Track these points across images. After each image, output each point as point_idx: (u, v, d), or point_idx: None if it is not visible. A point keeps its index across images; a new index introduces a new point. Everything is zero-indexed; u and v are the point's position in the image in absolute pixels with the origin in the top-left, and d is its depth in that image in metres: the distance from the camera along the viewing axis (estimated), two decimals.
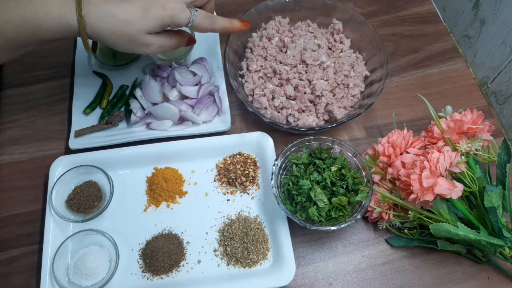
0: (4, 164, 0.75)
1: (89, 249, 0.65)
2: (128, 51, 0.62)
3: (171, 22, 0.59)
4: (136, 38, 0.58)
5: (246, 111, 0.79)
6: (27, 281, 0.66)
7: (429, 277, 0.66)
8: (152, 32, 0.59)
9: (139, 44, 0.60)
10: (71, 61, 0.83)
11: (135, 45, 0.60)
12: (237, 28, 0.67)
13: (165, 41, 0.62)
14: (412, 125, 0.77)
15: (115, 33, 0.57)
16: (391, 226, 0.67)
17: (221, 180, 0.72)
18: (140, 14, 0.57)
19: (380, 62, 0.75)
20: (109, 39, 0.58)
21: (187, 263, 0.66)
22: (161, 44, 0.61)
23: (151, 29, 0.58)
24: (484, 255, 0.65)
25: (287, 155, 0.68)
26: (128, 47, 0.60)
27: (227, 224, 0.68)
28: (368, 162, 0.67)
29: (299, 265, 0.66)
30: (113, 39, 0.58)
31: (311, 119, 0.72)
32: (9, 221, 0.70)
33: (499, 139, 0.71)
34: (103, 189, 0.70)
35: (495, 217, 0.60)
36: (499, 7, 0.77)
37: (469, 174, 0.62)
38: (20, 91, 0.82)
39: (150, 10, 0.57)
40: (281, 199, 0.64)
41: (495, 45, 0.80)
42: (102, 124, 0.75)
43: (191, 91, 0.75)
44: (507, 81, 0.78)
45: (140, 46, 0.60)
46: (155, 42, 0.60)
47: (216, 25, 0.63)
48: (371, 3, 0.93)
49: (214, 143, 0.73)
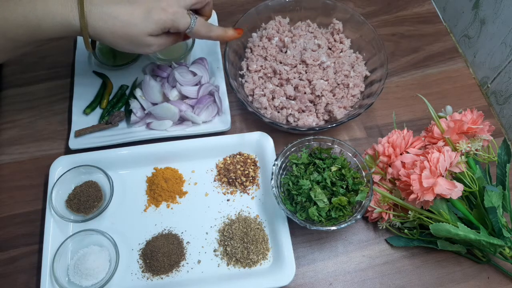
0: (4, 164, 0.75)
1: (89, 249, 0.65)
2: (128, 51, 0.62)
3: (172, 26, 0.60)
4: (138, 40, 0.59)
5: (246, 111, 0.79)
6: (27, 281, 0.66)
7: (429, 277, 0.66)
8: (153, 34, 0.59)
9: (140, 45, 0.60)
10: (71, 61, 0.83)
11: (135, 45, 0.60)
12: (232, 37, 0.68)
13: (164, 41, 0.62)
14: (412, 125, 0.77)
15: (116, 33, 0.58)
16: (391, 226, 0.67)
17: (221, 180, 0.72)
18: (142, 16, 0.58)
19: (380, 62, 0.75)
20: (110, 39, 0.59)
21: (187, 263, 0.66)
22: (160, 44, 0.62)
23: (152, 32, 0.59)
24: (484, 255, 0.65)
25: (287, 155, 0.68)
26: (129, 47, 0.61)
27: (227, 224, 0.68)
28: (368, 162, 0.67)
29: (299, 265, 0.66)
30: (114, 40, 0.59)
31: (311, 119, 0.72)
32: (9, 221, 0.70)
33: (499, 139, 0.71)
34: (103, 189, 0.70)
35: (495, 217, 0.60)
36: (499, 7, 0.77)
37: (469, 174, 0.62)
38: (20, 91, 0.82)
39: (152, 13, 0.58)
40: (281, 199, 0.64)
41: (495, 45, 0.80)
42: (102, 124, 0.75)
43: (191, 91, 0.75)
44: (507, 81, 0.78)
45: (141, 47, 0.61)
46: (156, 42, 0.61)
47: (213, 33, 0.65)
48: (371, 3, 0.93)
49: (214, 143, 0.73)
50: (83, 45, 0.83)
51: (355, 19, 0.79)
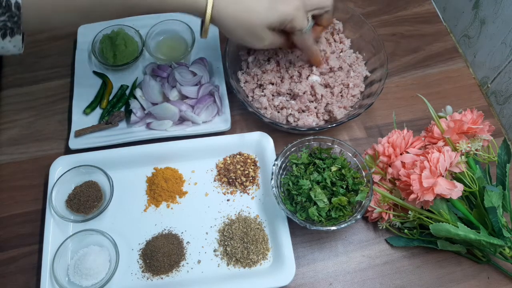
0: (4, 164, 0.75)
1: (89, 249, 0.65)
2: (240, 41, 0.63)
3: (290, 22, 0.61)
4: (256, 30, 0.60)
5: (246, 111, 0.79)
6: (27, 281, 0.66)
7: (429, 277, 0.66)
8: (271, 27, 0.61)
9: (256, 36, 0.61)
10: (71, 61, 0.83)
11: (251, 35, 0.61)
12: (321, 63, 0.72)
13: (277, 39, 0.64)
14: (412, 125, 0.77)
15: (238, 19, 0.59)
16: (391, 226, 0.67)
17: (221, 180, 0.72)
18: (267, 6, 0.59)
19: (380, 62, 0.75)
20: (230, 24, 0.59)
21: (187, 263, 0.66)
22: (272, 41, 0.63)
23: (272, 23, 0.60)
24: (484, 255, 0.65)
25: (287, 155, 0.68)
26: (244, 37, 0.62)
27: (227, 224, 0.68)
28: (368, 162, 0.67)
29: (299, 265, 0.66)
30: (234, 25, 0.59)
31: (311, 119, 0.72)
32: (9, 221, 0.70)
33: (499, 139, 0.70)
34: (103, 189, 0.70)
35: (495, 217, 0.60)
36: (499, 7, 0.77)
37: (469, 174, 0.62)
38: (20, 91, 0.82)
39: (278, 4, 0.59)
40: (281, 199, 0.64)
41: (495, 45, 0.80)
42: (102, 124, 0.75)
43: (191, 91, 0.75)
44: (507, 81, 0.78)
45: (256, 39, 0.62)
46: (269, 37, 0.62)
47: (314, 48, 0.68)
48: (371, 3, 0.93)
49: (214, 143, 0.73)
50: (83, 45, 0.84)
51: (355, 19, 0.79)
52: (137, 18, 0.83)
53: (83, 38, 0.84)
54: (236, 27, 0.60)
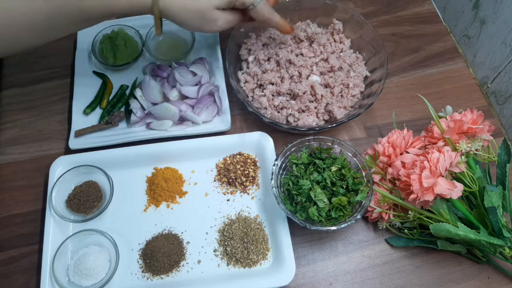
0: (4, 164, 0.75)
1: (89, 249, 0.65)
2: (196, 30, 0.64)
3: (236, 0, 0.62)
4: (205, 13, 0.61)
5: (246, 111, 0.79)
6: (27, 281, 0.66)
7: (429, 277, 0.66)
8: (219, 7, 0.61)
9: (208, 20, 0.62)
10: (71, 61, 0.83)
11: (203, 21, 0.62)
12: (288, 30, 0.71)
13: (230, 16, 0.64)
14: (412, 125, 0.77)
15: (186, 7, 0.60)
16: (391, 226, 0.67)
17: (221, 180, 0.72)
18: None
19: (380, 62, 0.75)
20: (179, 15, 0.61)
21: (187, 263, 0.66)
22: (227, 19, 0.64)
23: (219, 4, 0.61)
24: (484, 255, 0.65)
25: (287, 155, 0.68)
26: (197, 24, 0.62)
27: (227, 224, 0.68)
28: (368, 162, 0.67)
29: (299, 265, 0.66)
30: (184, 14, 0.61)
31: (311, 119, 0.72)
32: (9, 221, 0.70)
33: (499, 139, 0.71)
34: (103, 189, 0.70)
35: (495, 217, 0.60)
36: (499, 7, 0.77)
37: (469, 174, 0.62)
38: (20, 91, 0.82)
39: None
40: (281, 199, 0.64)
41: (495, 45, 0.80)
42: (102, 124, 0.75)
43: (191, 91, 0.75)
44: (507, 81, 0.78)
45: (208, 22, 0.62)
46: (222, 17, 0.63)
47: (275, 17, 0.67)
48: (371, 3, 0.93)
49: (214, 143, 0.73)
50: (83, 45, 0.84)
51: (355, 19, 0.79)
52: (137, 18, 0.83)
53: (83, 38, 0.84)
54: (186, 16, 0.61)
